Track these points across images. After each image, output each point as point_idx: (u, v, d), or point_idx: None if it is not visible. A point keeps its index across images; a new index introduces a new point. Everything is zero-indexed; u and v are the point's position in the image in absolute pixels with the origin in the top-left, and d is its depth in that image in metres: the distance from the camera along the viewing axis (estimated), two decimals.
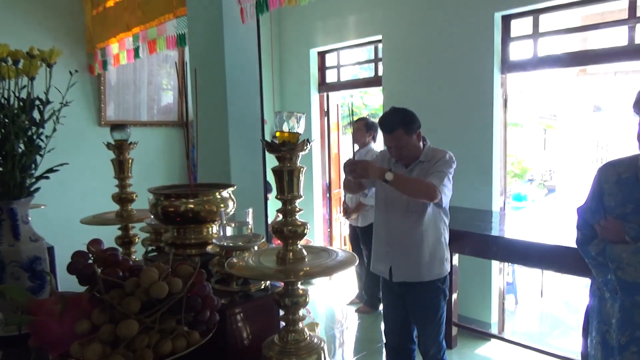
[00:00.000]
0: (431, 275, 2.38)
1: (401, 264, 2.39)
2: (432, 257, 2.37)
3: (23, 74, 1.25)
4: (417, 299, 2.43)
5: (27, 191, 1.25)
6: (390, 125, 2.32)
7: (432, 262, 2.37)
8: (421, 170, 2.35)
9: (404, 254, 2.37)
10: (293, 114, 0.93)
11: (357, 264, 3.25)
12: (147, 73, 4.33)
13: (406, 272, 2.38)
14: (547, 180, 12.89)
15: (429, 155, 2.37)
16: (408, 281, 2.39)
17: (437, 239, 2.39)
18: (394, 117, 2.35)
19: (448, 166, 2.31)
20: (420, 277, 2.37)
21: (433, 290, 2.41)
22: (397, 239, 2.39)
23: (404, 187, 2.21)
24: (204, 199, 1.18)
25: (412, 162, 2.39)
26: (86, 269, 0.73)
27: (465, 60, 3.84)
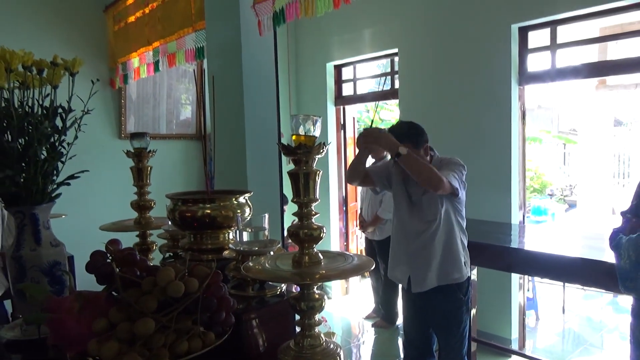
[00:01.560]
0: (447, 279, 2.34)
1: (419, 273, 2.37)
2: (446, 259, 2.34)
3: (47, 83, 1.28)
4: (438, 310, 2.40)
5: (49, 197, 1.27)
6: (398, 140, 2.27)
7: (447, 265, 2.34)
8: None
9: (421, 261, 2.35)
10: (309, 117, 0.93)
11: (374, 279, 3.24)
12: (167, 87, 4.41)
13: (424, 281, 2.35)
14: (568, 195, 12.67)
15: (437, 165, 2.35)
16: (426, 290, 2.36)
17: (452, 242, 2.36)
18: (401, 131, 2.33)
19: (455, 166, 2.32)
20: (437, 282, 2.34)
21: (453, 300, 2.37)
22: (414, 248, 2.37)
23: (413, 166, 2.16)
24: (220, 205, 1.18)
25: None
26: (104, 268, 0.74)
27: (482, 72, 3.82)
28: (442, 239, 2.34)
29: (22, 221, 1.22)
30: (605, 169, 9.17)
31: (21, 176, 1.21)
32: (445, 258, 2.35)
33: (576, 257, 2.34)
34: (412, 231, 2.38)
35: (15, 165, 1.19)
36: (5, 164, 1.18)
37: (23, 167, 1.21)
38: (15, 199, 1.21)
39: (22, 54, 1.18)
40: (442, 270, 2.34)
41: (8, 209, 1.25)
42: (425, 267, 2.34)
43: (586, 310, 5.00)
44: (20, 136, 1.20)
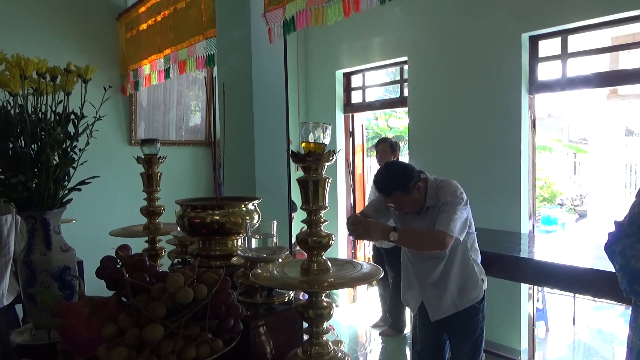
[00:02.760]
0: (468, 302, 2.33)
1: (434, 302, 2.34)
2: (464, 285, 2.32)
3: (60, 90, 1.30)
4: (454, 322, 2.38)
5: (60, 202, 1.29)
6: (387, 190, 2.23)
7: (465, 290, 2.32)
8: (432, 215, 2.25)
9: (434, 291, 2.32)
10: (319, 125, 0.93)
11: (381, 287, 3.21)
12: (177, 94, 4.45)
13: (441, 309, 2.34)
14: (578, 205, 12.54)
15: (434, 198, 2.25)
16: (446, 316, 2.35)
17: (465, 265, 2.33)
18: (389, 180, 2.24)
19: (454, 206, 2.17)
20: (457, 308, 2.33)
21: (471, 311, 2.36)
22: (425, 276, 2.33)
23: (411, 243, 2.21)
24: (229, 211, 1.19)
25: (420, 209, 2.29)
26: (114, 274, 0.74)
27: (493, 81, 3.81)
28: (452, 265, 2.30)
29: (33, 226, 1.23)
30: (616, 179, 9.08)
31: (33, 181, 1.22)
32: (463, 284, 2.32)
33: (587, 267, 2.32)
34: (418, 258, 2.35)
35: (27, 170, 1.20)
36: (18, 169, 1.20)
37: (35, 173, 1.22)
38: (27, 204, 1.22)
39: (36, 61, 1.20)
40: (459, 298, 2.32)
41: (20, 213, 1.26)
42: (438, 296, 2.32)
43: (597, 322, 4.93)
44: (33, 142, 1.22)
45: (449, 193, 2.21)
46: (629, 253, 1.64)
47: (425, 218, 2.28)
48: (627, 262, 1.64)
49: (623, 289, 1.67)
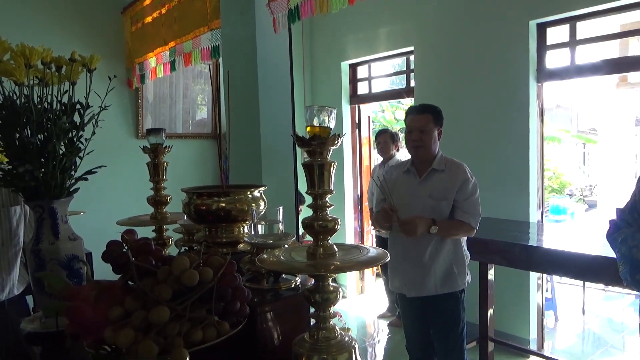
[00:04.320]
0: (450, 288, 2.36)
1: (417, 279, 2.37)
2: (450, 270, 2.35)
3: (65, 80, 1.30)
4: (437, 311, 2.41)
5: (67, 191, 1.29)
6: (422, 108, 2.41)
7: (450, 276, 2.35)
8: (436, 182, 2.34)
9: (419, 268, 2.35)
10: (324, 108, 0.93)
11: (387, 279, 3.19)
12: (183, 87, 4.45)
13: (421, 288, 2.36)
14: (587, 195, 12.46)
15: (442, 164, 2.37)
16: (423, 296, 2.37)
17: (455, 250, 2.37)
18: (427, 104, 2.45)
19: (476, 191, 2.35)
20: (436, 291, 2.35)
21: (452, 300, 2.38)
22: (412, 254, 2.37)
23: (446, 234, 2.31)
24: (235, 198, 1.19)
25: (424, 168, 2.38)
26: (120, 257, 0.74)
27: (500, 69, 3.78)
28: (441, 247, 2.35)
29: (41, 215, 1.24)
30: (626, 169, 8.99)
31: (40, 171, 1.23)
32: (447, 268, 2.35)
33: (597, 255, 2.30)
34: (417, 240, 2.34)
35: (34, 159, 1.21)
36: (25, 158, 1.20)
37: (42, 162, 1.23)
38: (35, 193, 1.23)
39: (41, 50, 1.20)
40: (442, 281, 2.35)
41: (28, 202, 1.27)
42: (422, 274, 2.35)
43: (607, 312, 4.90)
44: (39, 132, 1.22)
45: (465, 170, 2.35)
46: (630, 243, 1.63)
47: (426, 183, 2.35)
48: (629, 251, 1.63)
49: (624, 278, 1.67)
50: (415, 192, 2.37)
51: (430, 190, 2.34)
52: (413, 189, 2.38)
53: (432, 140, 2.37)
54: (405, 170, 2.46)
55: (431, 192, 2.33)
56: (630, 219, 1.69)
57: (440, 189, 2.33)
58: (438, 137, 2.41)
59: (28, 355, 1.17)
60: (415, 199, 2.34)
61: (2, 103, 1.19)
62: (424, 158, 2.39)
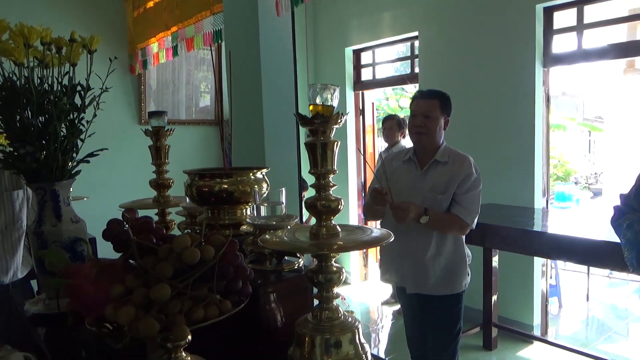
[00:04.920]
0: (451, 290, 2.24)
1: (416, 277, 2.24)
2: (451, 270, 2.23)
3: (66, 61, 1.29)
4: (435, 311, 2.28)
5: (69, 174, 1.29)
6: (429, 93, 2.27)
7: (450, 277, 2.23)
8: (438, 175, 2.20)
9: (420, 267, 2.22)
10: (327, 86, 0.91)
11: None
12: (186, 73, 4.43)
13: (421, 286, 2.24)
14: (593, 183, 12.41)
15: (445, 156, 2.22)
16: (423, 293, 2.26)
17: (457, 249, 2.25)
18: (436, 90, 2.32)
19: (478, 186, 2.19)
20: (437, 291, 2.23)
21: (452, 301, 2.27)
22: (410, 249, 2.23)
23: (437, 227, 2.17)
24: (237, 179, 1.18)
25: (427, 159, 2.24)
26: (121, 235, 0.74)
27: (506, 54, 3.73)
28: (442, 244, 2.22)
29: (43, 197, 1.23)
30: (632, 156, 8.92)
31: (41, 153, 1.22)
32: (448, 269, 2.23)
33: (602, 240, 2.29)
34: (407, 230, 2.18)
35: (35, 141, 1.20)
36: (26, 140, 1.19)
37: (43, 144, 1.22)
38: (36, 175, 1.23)
39: (40, 30, 1.18)
40: (443, 282, 2.23)
41: (29, 185, 1.27)
42: (421, 271, 2.22)
43: (611, 298, 4.90)
44: (39, 113, 1.21)
45: (470, 163, 2.20)
46: (637, 228, 1.62)
47: (427, 175, 2.21)
48: (635, 237, 1.62)
49: (630, 264, 1.66)
50: (415, 185, 2.23)
51: (431, 184, 2.20)
52: (413, 181, 2.24)
53: (437, 128, 2.21)
54: (406, 159, 2.30)
55: (432, 185, 2.20)
56: (635, 204, 1.67)
57: (441, 182, 2.18)
58: (444, 126, 2.26)
59: (32, 336, 1.17)
60: (415, 191, 2.20)
61: (2, 84, 1.18)
62: (427, 147, 2.24)
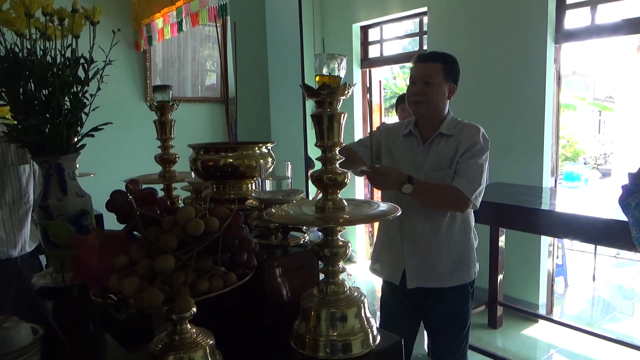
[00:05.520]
0: (459, 280, 1.95)
1: (419, 267, 1.94)
2: (460, 259, 1.94)
3: (68, 33, 1.27)
4: (441, 307, 1.98)
5: (73, 147, 1.28)
6: (431, 55, 1.95)
7: (460, 266, 1.95)
8: (442, 149, 1.89)
9: (424, 255, 1.93)
10: (333, 56, 0.89)
11: None
12: (191, 50, 4.39)
13: (426, 278, 1.93)
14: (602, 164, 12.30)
15: (452, 128, 1.91)
16: (428, 287, 1.94)
17: (466, 233, 1.97)
18: (438, 52, 2.00)
19: (482, 155, 1.85)
20: (444, 283, 1.94)
21: (461, 294, 1.98)
22: (415, 237, 1.93)
23: (425, 199, 1.83)
24: (243, 154, 1.16)
25: (430, 133, 1.94)
26: (124, 206, 0.73)
27: (517, 30, 3.65)
28: (451, 230, 1.93)
29: (48, 171, 1.23)
30: None
31: (45, 126, 1.21)
32: (458, 257, 1.94)
33: (610, 219, 2.26)
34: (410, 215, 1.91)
35: (39, 114, 1.19)
36: (30, 112, 1.18)
37: (47, 117, 1.21)
38: (41, 148, 1.22)
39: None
40: (451, 272, 1.93)
41: (34, 158, 1.26)
42: (427, 261, 1.93)
43: (617, 278, 4.90)
44: (42, 86, 1.20)
45: (478, 131, 1.90)
46: None
47: (430, 150, 1.92)
48: None
49: (637, 243, 1.65)
50: (416, 162, 1.92)
51: (434, 160, 1.90)
52: (414, 158, 1.93)
53: (438, 96, 1.89)
54: (406, 133, 1.98)
55: (436, 162, 1.89)
56: None
57: (446, 158, 1.87)
58: (449, 94, 1.93)
59: (40, 309, 1.18)
60: (416, 170, 1.89)
61: (4, 55, 1.17)
62: (428, 119, 1.93)
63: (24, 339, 0.89)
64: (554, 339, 3.41)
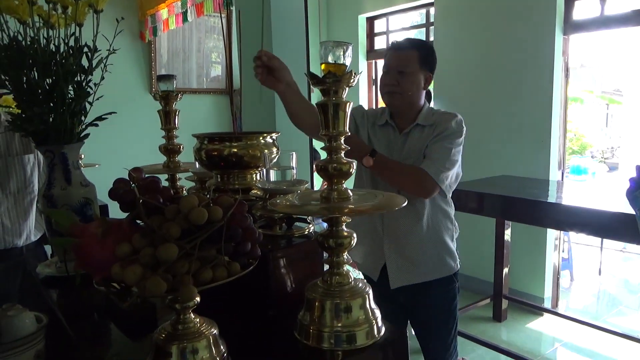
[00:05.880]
0: (442, 273, 1.89)
1: (399, 263, 1.87)
2: (443, 251, 1.89)
3: (72, 22, 1.26)
4: (426, 303, 1.92)
5: (77, 137, 1.27)
6: (406, 42, 1.83)
7: (442, 257, 1.89)
8: (419, 140, 1.81)
9: (405, 248, 1.85)
10: (339, 43, 0.87)
11: None
12: (196, 41, 4.38)
13: (407, 274, 1.87)
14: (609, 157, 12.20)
15: (429, 118, 1.82)
16: (410, 284, 1.87)
17: (447, 227, 1.91)
18: (414, 39, 1.90)
19: (453, 139, 1.76)
20: (426, 277, 1.87)
21: (445, 287, 1.91)
22: (391, 230, 1.85)
23: (386, 176, 1.73)
24: (247, 143, 1.16)
25: (406, 124, 1.85)
26: (127, 194, 0.72)
27: (524, 21, 3.61)
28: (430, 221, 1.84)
29: (52, 160, 1.23)
30: None
31: (49, 115, 1.21)
32: (437, 249, 1.88)
33: (617, 212, 2.24)
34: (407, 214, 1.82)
35: (42, 103, 1.18)
36: (34, 101, 1.18)
37: (51, 106, 1.21)
38: (45, 138, 1.22)
39: None
40: (432, 265, 1.87)
41: (38, 147, 1.26)
42: (406, 255, 1.86)
43: (624, 273, 4.87)
44: (46, 74, 1.19)
45: (452, 118, 1.79)
46: None
47: (406, 141, 1.84)
48: None
49: None
50: (392, 154, 1.84)
51: (409, 150, 1.82)
52: (390, 149, 1.85)
53: (413, 87, 1.79)
54: (382, 123, 1.89)
55: (411, 152, 1.81)
56: None
57: (422, 147, 1.79)
58: (425, 84, 1.83)
59: (45, 297, 1.18)
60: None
61: (8, 43, 1.16)
62: (402, 110, 1.84)
63: (28, 328, 0.89)
64: (559, 333, 3.40)
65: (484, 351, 3.08)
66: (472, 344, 3.08)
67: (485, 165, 3.82)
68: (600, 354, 3.13)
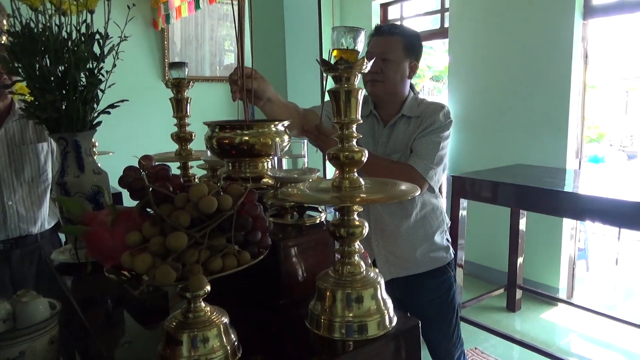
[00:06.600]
0: (433, 264, 1.87)
1: (388, 258, 1.85)
2: (434, 242, 1.86)
3: (83, 9, 1.25)
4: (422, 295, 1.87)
5: (90, 124, 1.28)
6: (390, 27, 1.75)
7: (430, 250, 1.86)
8: (406, 133, 1.76)
9: (391, 245, 1.83)
10: (352, 29, 0.85)
11: None
12: (209, 28, 4.37)
13: (396, 267, 1.85)
14: (627, 146, 11.97)
15: (414, 109, 1.76)
16: (404, 276, 1.85)
17: (437, 217, 1.88)
18: (399, 25, 1.85)
19: (440, 133, 1.71)
20: (417, 270, 1.85)
21: (440, 277, 1.88)
22: (379, 227, 1.83)
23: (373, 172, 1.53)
24: (259, 131, 1.14)
25: (390, 115, 1.79)
26: (136, 182, 0.72)
27: (543, 5, 3.53)
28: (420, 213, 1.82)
29: (65, 148, 1.23)
30: None
31: (62, 102, 1.21)
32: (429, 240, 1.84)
33: (636, 201, 2.19)
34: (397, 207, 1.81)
35: (55, 90, 1.19)
36: (46, 88, 1.18)
37: (63, 94, 1.21)
38: (57, 125, 1.22)
39: None
40: (425, 255, 1.84)
41: (51, 135, 1.26)
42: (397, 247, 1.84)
43: None
44: (58, 62, 1.19)
45: (439, 109, 1.74)
46: None
47: (391, 133, 1.78)
48: None
49: None
50: (377, 146, 1.80)
51: (396, 143, 1.76)
52: (375, 141, 1.80)
53: (397, 75, 1.73)
54: (366, 114, 1.82)
55: (398, 144, 1.75)
56: None
57: (410, 139, 1.74)
58: (410, 73, 1.76)
59: (59, 284, 1.20)
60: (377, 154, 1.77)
61: (20, 30, 1.16)
62: (385, 99, 1.79)
63: (42, 314, 0.90)
64: (574, 323, 3.37)
65: (497, 341, 3.06)
66: (486, 333, 3.06)
67: (500, 154, 3.76)
68: (615, 345, 3.09)
